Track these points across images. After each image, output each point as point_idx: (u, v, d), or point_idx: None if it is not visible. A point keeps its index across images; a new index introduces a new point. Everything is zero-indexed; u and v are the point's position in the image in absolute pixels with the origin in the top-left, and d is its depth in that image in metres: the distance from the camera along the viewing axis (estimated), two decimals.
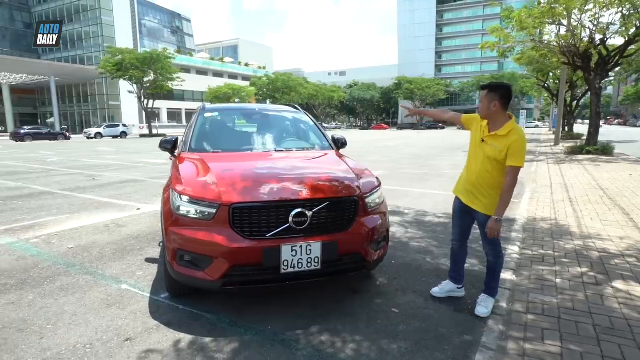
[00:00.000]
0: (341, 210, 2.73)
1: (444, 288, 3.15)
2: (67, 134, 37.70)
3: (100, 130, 39.53)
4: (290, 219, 2.54)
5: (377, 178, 3.24)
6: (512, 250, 4.14)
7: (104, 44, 51.80)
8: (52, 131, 36.90)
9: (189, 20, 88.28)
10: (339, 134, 4.45)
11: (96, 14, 56.25)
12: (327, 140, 4.14)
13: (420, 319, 2.76)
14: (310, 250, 2.54)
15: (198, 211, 2.60)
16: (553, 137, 23.89)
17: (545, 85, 34.14)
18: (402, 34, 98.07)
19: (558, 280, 3.35)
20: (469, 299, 3.06)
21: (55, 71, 49.84)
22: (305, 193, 2.66)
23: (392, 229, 5.06)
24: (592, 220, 5.34)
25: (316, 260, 2.57)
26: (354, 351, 2.37)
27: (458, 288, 3.15)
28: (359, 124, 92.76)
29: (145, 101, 43.80)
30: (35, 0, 61.79)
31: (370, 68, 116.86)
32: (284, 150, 3.81)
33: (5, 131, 47.10)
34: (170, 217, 2.71)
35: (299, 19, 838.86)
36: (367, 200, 2.90)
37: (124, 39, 55.57)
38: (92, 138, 37.45)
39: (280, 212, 2.56)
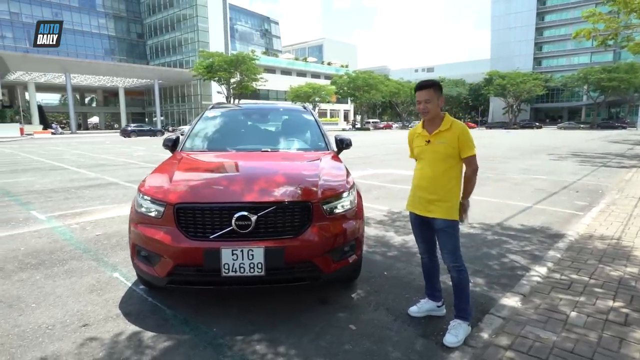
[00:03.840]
0: (290, 216, 2.57)
1: (422, 307, 2.83)
2: (163, 130, 42.45)
3: None
4: (233, 222, 2.47)
5: (348, 183, 2.98)
6: (537, 273, 3.54)
7: (198, 49, 56.72)
8: (152, 128, 41.68)
9: (277, 23, 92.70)
10: (345, 134, 4.23)
11: (194, 22, 61.98)
12: (325, 141, 3.96)
13: (374, 340, 2.49)
14: (252, 255, 2.44)
15: (152, 209, 2.67)
16: None
17: None
18: (495, 26, 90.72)
19: (573, 314, 2.77)
20: (446, 324, 2.68)
21: (159, 75, 56.26)
22: (252, 196, 2.57)
23: (411, 237, 4.68)
24: None
25: (259, 266, 2.46)
26: None
27: (438, 307, 2.81)
28: None
29: (232, 100, 47.05)
30: (146, 13, 70.14)
31: (460, 63, 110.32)
32: (269, 150, 3.74)
33: (119, 128, 54.37)
34: (133, 213, 2.82)
35: (387, 16, 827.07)
36: (326, 206, 2.69)
37: (216, 43, 60.38)
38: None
39: (223, 215, 2.50)
